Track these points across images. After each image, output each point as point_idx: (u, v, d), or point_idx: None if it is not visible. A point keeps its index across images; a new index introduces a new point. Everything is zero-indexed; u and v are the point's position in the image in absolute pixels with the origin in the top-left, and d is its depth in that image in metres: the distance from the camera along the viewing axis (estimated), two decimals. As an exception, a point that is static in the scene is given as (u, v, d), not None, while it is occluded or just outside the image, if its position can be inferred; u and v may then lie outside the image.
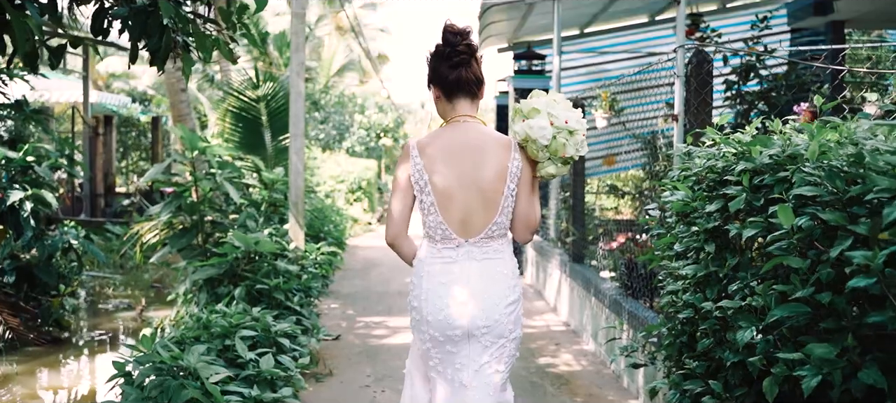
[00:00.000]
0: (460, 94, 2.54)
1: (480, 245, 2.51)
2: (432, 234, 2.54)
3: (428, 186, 2.49)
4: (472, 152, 2.49)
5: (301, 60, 6.79)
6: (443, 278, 2.50)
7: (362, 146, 21.24)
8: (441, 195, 2.48)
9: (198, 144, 6.30)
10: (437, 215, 2.49)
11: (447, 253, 2.51)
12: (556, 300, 7.56)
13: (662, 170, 6.52)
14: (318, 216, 9.77)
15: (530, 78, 10.13)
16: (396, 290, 8.72)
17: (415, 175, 2.51)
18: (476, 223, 2.50)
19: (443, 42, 2.53)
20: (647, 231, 3.81)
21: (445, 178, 2.48)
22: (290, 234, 6.75)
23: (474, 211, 2.49)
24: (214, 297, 5.82)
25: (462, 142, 2.51)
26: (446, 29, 2.53)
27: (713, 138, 3.05)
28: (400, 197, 2.56)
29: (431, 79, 2.59)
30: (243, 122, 8.14)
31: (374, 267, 10.81)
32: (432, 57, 2.57)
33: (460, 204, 2.49)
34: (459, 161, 2.49)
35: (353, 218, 15.86)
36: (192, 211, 6.46)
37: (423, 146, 2.53)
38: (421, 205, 2.55)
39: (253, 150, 8.25)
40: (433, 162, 2.50)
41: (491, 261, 2.52)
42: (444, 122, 2.60)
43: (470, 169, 2.48)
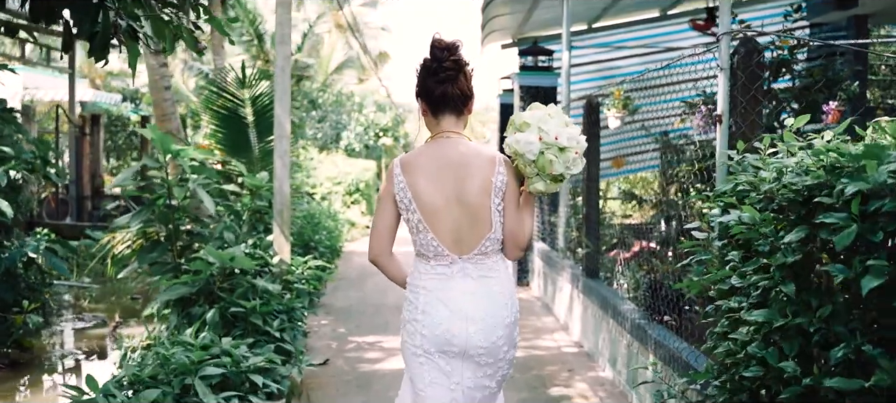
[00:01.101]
0: (446, 110, 2.52)
1: (475, 262, 2.48)
2: (424, 252, 2.49)
3: (412, 204, 2.46)
4: (455, 168, 2.46)
5: (287, 54, 6.14)
6: (440, 294, 2.46)
7: (361, 144, 20.55)
8: (427, 212, 2.45)
9: (170, 147, 5.66)
10: (427, 232, 2.46)
11: (441, 270, 2.47)
12: (568, 317, 6.91)
13: (689, 177, 5.89)
14: (309, 222, 9.12)
15: (536, 74, 9.48)
16: (393, 303, 8.08)
17: (399, 193, 2.48)
18: (468, 239, 2.46)
19: (430, 57, 2.49)
20: (688, 255, 3.17)
21: (429, 195, 2.46)
22: (275, 246, 6.10)
23: (464, 226, 2.46)
24: (187, 319, 5.18)
25: (445, 157, 2.48)
26: (433, 44, 2.49)
27: (784, 145, 2.40)
28: (383, 213, 2.54)
29: (419, 93, 2.55)
30: (229, 123, 7.49)
31: (370, 275, 10.16)
32: (420, 70, 2.53)
33: (449, 221, 2.46)
34: (443, 177, 2.46)
35: (350, 221, 15.21)
36: (166, 220, 5.82)
37: (406, 163, 2.50)
38: (409, 225, 2.51)
39: (239, 153, 7.61)
40: (416, 179, 2.47)
41: (487, 280, 2.48)
42: (430, 138, 2.57)
43: (453, 184, 2.46)
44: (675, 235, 5.31)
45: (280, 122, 6.17)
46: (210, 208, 5.38)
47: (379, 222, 2.55)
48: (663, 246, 6.00)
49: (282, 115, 6.15)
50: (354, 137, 20.30)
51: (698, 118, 6.70)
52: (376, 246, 2.57)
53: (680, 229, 5.13)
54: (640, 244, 8.18)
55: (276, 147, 6.18)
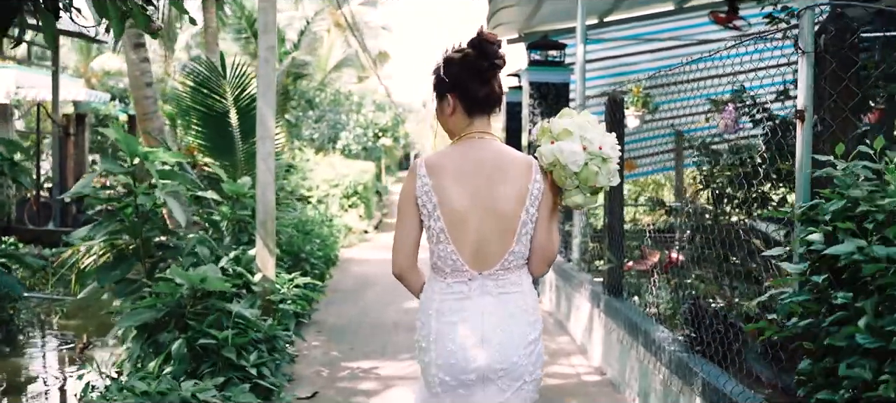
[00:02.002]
0: (484, 110, 2.30)
1: (496, 278, 2.27)
2: (441, 266, 2.28)
3: (437, 210, 2.23)
4: (488, 172, 2.25)
5: (271, 43, 5.43)
6: (454, 316, 2.25)
7: (359, 145, 19.82)
8: (452, 221, 2.23)
9: (137, 149, 4.96)
10: (448, 244, 2.24)
11: (458, 288, 2.26)
12: (586, 339, 6.20)
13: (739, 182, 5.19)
14: (300, 230, 8.40)
15: (547, 70, 8.77)
16: (393, 321, 7.36)
17: (422, 197, 2.25)
18: (491, 253, 2.25)
19: (479, 53, 2.25)
20: (770, 293, 2.47)
21: (457, 201, 2.24)
22: (258, 262, 5.39)
23: (489, 239, 2.25)
24: (154, 347, 4.48)
25: (477, 160, 2.27)
26: (485, 38, 2.25)
27: None
28: (406, 221, 2.29)
29: (450, 89, 2.28)
30: (209, 122, 6.78)
31: (369, 286, 9.45)
32: (458, 66, 2.26)
33: (473, 232, 2.24)
34: (474, 181, 2.24)
35: (347, 226, 14.48)
36: (134, 233, 5.12)
37: (433, 164, 2.27)
38: (428, 232, 2.28)
39: (222, 155, 6.89)
40: (443, 182, 2.24)
41: (508, 296, 2.28)
42: (456, 138, 2.32)
43: (485, 190, 2.24)
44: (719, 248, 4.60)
45: (263, 120, 5.46)
46: (181, 219, 4.67)
47: (402, 231, 2.30)
48: (702, 262, 5.29)
49: (265, 112, 5.44)
50: (353, 138, 19.56)
51: (726, 116, 6.05)
52: (401, 259, 2.32)
53: (727, 242, 4.42)
54: (671, 256, 7.48)
55: (259, 148, 5.47)
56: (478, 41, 2.25)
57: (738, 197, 5.31)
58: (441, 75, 2.28)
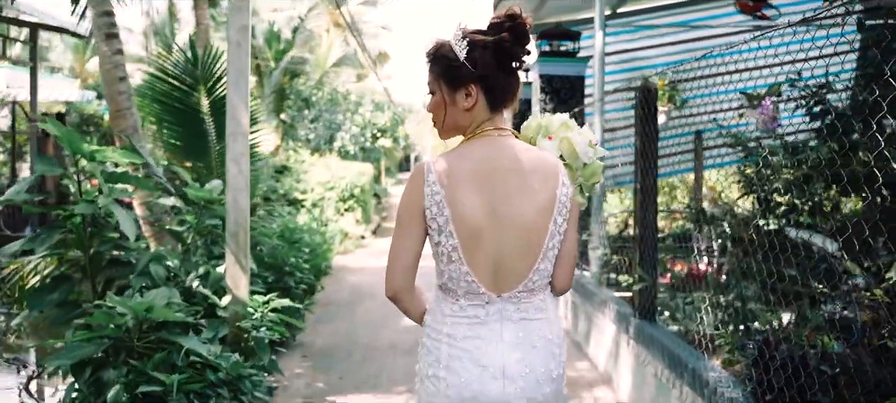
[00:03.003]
0: (508, 103, 1.97)
1: (518, 301, 1.92)
2: (453, 287, 1.92)
3: (449, 225, 1.87)
4: (510, 177, 1.90)
5: (244, 23, 4.61)
6: (468, 344, 1.90)
7: (356, 146, 18.99)
8: (468, 237, 1.87)
9: (81, 147, 4.15)
10: (462, 264, 1.89)
11: (473, 312, 1.91)
12: (612, 367, 5.37)
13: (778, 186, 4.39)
14: (287, 239, 7.56)
15: (560, 62, 7.94)
16: (389, 341, 6.53)
17: (431, 208, 1.87)
18: (512, 272, 1.90)
19: (514, 38, 1.88)
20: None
21: (475, 214, 1.87)
22: (228, 280, 4.57)
23: (510, 256, 1.89)
24: (96, 387, 3.66)
25: (497, 163, 1.91)
26: (521, 21, 1.89)
27: None
28: (407, 235, 1.90)
29: (475, 78, 1.90)
30: (179, 117, 5.96)
31: (364, 299, 8.62)
32: (490, 52, 1.88)
33: (492, 248, 1.89)
34: (493, 188, 1.89)
35: (343, 232, 13.66)
36: (82, 246, 4.31)
37: (444, 169, 1.88)
38: (437, 249, 1.91)
39: (194, 156, 6.07)
40: (458, 191, 1.87)
41: (531, 323, 1.93)
42: (468, 135, 1.96)
43: (507, 200, 1.89)
44: (770, 265, 3.78)
45: (235, 114, 4.64)
46: (129, 231, 3.85)
47: (400, 246, 1.93)
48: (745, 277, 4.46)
49: (237, 105, 4.62)
50: (349, 138, 18.73)
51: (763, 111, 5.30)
52: (397, 279, 1.94)
53: (781, 258, 3.60)
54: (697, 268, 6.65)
55: (230, 147, 4.64)
56: (512, 24, 1.88)
57: (793, 204, 4.51)
58: (462, 61, 1.89)
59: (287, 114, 18.56)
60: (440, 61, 1.94)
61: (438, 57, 1.94)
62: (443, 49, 1.94)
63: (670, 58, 9.20)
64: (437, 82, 1.96)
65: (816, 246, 4.20)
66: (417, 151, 45.67)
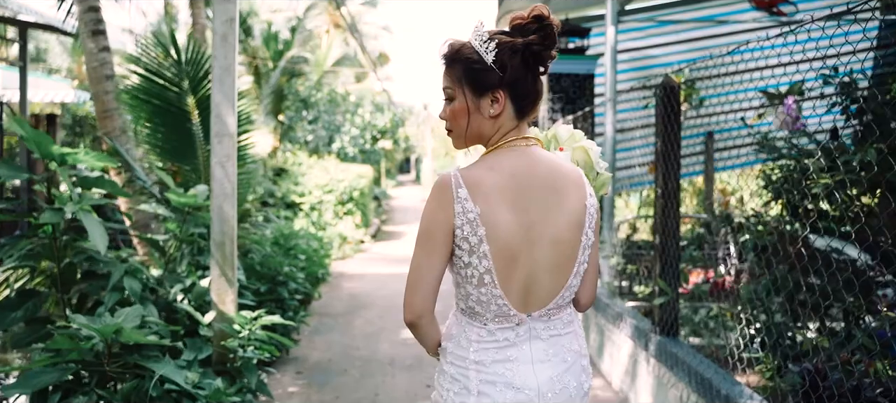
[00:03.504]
0: (534, 112, 1.84)
1: (548, 318, 1.82)
2: (480, 312, 1.78)
3: (483, 246, 1.71)
4: (543, 191, 1.77)
5: (230, 15, 4.22)
6: (499, 368, 1.77)
7: (356, 148, 18.60)
8: (502, 257, 1.73)
9: (49, 150, 3.77)
10: (494, 287, 1.74)
11: (503, 335, 1.79)
12: (627, 386, 4.98)
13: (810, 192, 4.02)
14: (282, 245, 7.18)
15: (568, 59, 7.55)
16: (388, 356, 6.14)
17: (463, 227, 1.72)
18: (543, 290, 1.78)
19: (542, 40, 1.74)
20: None
21: (509, 232, 1.73)
22: (213, 295, 4.19)
23: (543, 274, 1.78)
24: (62, 416, 3.27)
25: (530, 175, 1.77)
26: (546, 20, 1.74)
27: None
28: (433, 255, 1.74)
29: (504, 84, 1.76)
30: (162, 117, 5.58)
31: (362, 308, 8.23)
32: (519, 55, 1.73)
33: (524, 268, 1.75)
34: (528, 204, 1.74)
35: (341, 236, 13.27)
36: (52, 257, 3.93)
37: (476, 182, 1.73)
38: (464, 271, 1.76)
39: (180, 158, 5.68)
40: (494, 208, 1.72)
41: (560, 339, 1.83)
42: (493, 145, 1.81)
43: (543, 216, 1.76)
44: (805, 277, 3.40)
45: (221, 115, 4.25)
46: (99, 243, 3.46)
47: (424, 269, 1.74)
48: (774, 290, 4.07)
49: (222, 104, 4.23)
50: (349, 140, 18.34)
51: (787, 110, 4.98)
52: (419, 302, 1.75)
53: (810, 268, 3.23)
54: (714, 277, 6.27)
55: (215, 150, 4.26)
56: (540, 25, 1.74)
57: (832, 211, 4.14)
58: (489, 64, 1.74)
59: (285, 116, 18.18)
60: (462, 64, 1.77)
61: (460, 59, 1.78)
62: (464, 50, 1.77)
63: (681, 56, 8.83)
64: (458, 87, 1.79)
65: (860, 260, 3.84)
66: (418, 153, 45.25)
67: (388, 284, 9.88)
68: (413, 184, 43.69)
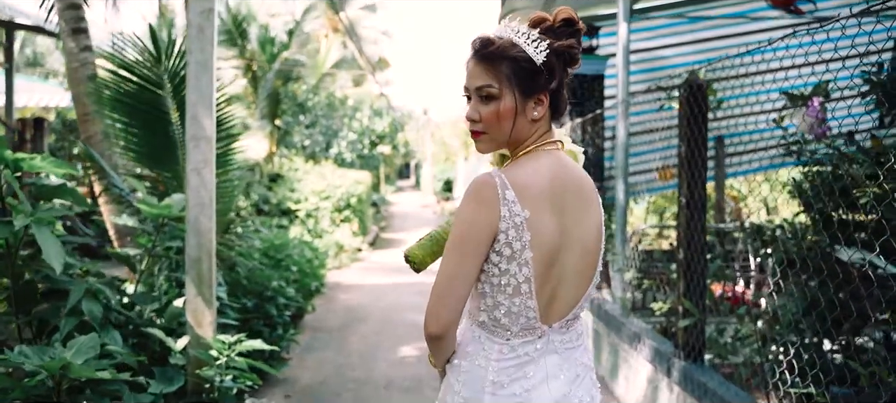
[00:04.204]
0: (563, 117, 1.85)
1: (566, 329, 1.77)
2: (508, 324, 1.70)
3: (526, 252, 1.64)
4: (577, 196, 1.73)
5: (208, 5, 3.80)
6: (516, 388, 1.69)
7: (354, 153, 18.17)
8: (542, 265, 1.67)
9: (4, 155, 3.34)
10: (530, 297, 1.68)
11: (524, 350, 1.72)
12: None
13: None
14: (271, 257, 6.74)
15: (577, 59, 7.11)
16: (385, 376, 5.70)
17: (508, 232, 1.63)
18: (566, 299, 1.74)
19: (578, 43, 1.74)
20: None
21: (552, 238, 1.67)
22: (188, 316, 3.76)
23: (569, 283, 1.73)
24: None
25: (566, 181, 1.71)
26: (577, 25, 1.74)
27: None
28: (470, 260, 1.65)
29: (551, 87, 1.72)
30: (140, 119, 5.15)
31: (358, 322, 7.79)
32: (562, 59, 1.72)
33: (555, 276, 1.71)
34: (564, 210, 1.70)
35: (338, 244, 12.83)
36: (9, 275, 3.51)
37: (523, 185, 1.66)
38: (500, 278, 1.67)
39: (160, 163, 5.25)
40: (540, 213, 1.65)
41: (573, 352, 1.78)
42: (525, 149, 1.74)
43: (575, 221, 1.72)
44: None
45: (196, 116, 3.83)
46: (53, 260, 3.03)
47: (459, 277, 1.63)
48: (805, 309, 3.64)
49: (198, 104, 3.81)
50: (346, 145, 17.92)
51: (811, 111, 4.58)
52: (449, 314, 1.64)
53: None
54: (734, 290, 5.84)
55: (191, 155, 3.84)
56: (573, 30, 1.72)
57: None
58: (539, 65, 1.67)
59: (282, 120, 17.75)
60: (510, 62, 1.68)
61: (507, 57, 1.68)
62: (511, 48, 1.67)
63: (693, 57, 8.42)
64: (506, 86, 1.69)
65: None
66: (417, 159, 44.83)
67: (385, 296, 9.44)
68: (413, 189, 43.27)
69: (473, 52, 1.72)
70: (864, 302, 3.56)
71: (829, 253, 3.66)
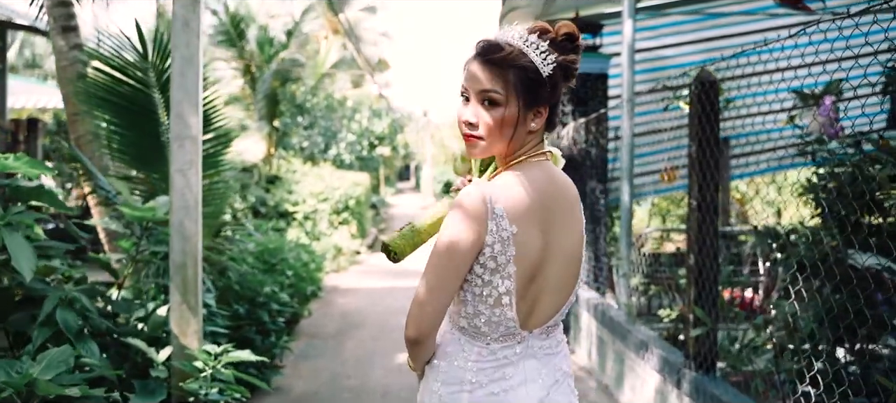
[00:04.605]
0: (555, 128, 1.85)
1: (546, 335, 1.78)
2: (488, 332, 1.73)
3: (509, 267, 1.66)
4: (560, 206, 1.74)
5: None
6: (494, 388, 1.72)
7: (353, 155, 17.96)
8: (524, 278, 1.69)
9: (-27, 155, 3.14)
10: (510, 309, 1.70)
11: (504, 353, 1.74)
12: (655, 427, 4.34)
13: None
14: (265, 261, 6.54)
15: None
16: (381, 387, 5.50)
17: (494, 246, 1.65)
18: (548, 306, 1.75)
19: (577, 59, 1.74)
20: None
21: (535, 252, 1.69)
22: (173, 326, 3.56)
23: (552, 291, 1.74)
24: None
25: (554, 192, 1.73)
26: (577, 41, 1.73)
27: None
28: (454, 275, 1.66)
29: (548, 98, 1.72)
30: (127, 118, 4.96)
31: (355, 328, 7.59)
32: (563, 72, 1.72)
33: (537, 287, 1.72)
34: (551, 222, 1.71)
35: (336, 247, 12.63)
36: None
37: (511, 201, 1.66)
38: (482, 290, 1.69)
39: (147, 164, 5.06)
40: (526, 228, 1.67)
41: (553, 357, 1.79)
42: (517, 159, 1.74)
43: (559, 233, 1.73)
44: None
45: (181, 114, 3.63)
46: (23, 267, 2.83)
47: (442, 290, 1.66)
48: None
49: (183, 101, 3.62)
50: (345, 147, 17.72)
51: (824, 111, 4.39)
52: (428, 323, 1.68)
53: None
54: (743, 295, 5.65)
55: (175, 156, 3.64)
56: (575, 45, 1.72)
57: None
58: (544, 77, 1.67)
59: (280, 122, 17.54)
60: (518, 71, 1.66)
61: (515, 65, 1.66)
62: (520, 57, 1.66)
63: (697, 57, 8.22)
64: (512, 94, 1.67)
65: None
66: (417, 160, 44.62)
67: (383, 300, 9.24)
68: (413, 191, 43.07)
69: (480, 55, 1.69)
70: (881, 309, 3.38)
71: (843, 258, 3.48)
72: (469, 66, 1.71)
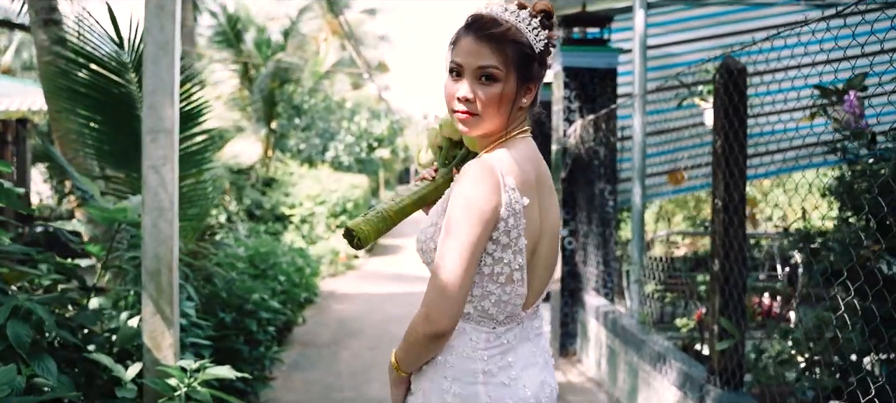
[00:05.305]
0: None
1: (535, 315, 1.78)
2: (494, 314, 1.67)
3: (520, 241, 1.63)
4: (548, 183, 1.75)
5: (169, -22, 3.27)
6: (504, 376, 1.67)
7: (351, 157, 17.60)
8: (531, 251, 1.67)
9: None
10: (521, 284, 1.67)
11: (507, 337, 1.70)
12: (675, 447, 3.99)
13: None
14: (257, 265, 6.19)
15: (588, 51, 6.60)
16: (377, 400, 5.15)
17: (508, 219, 1.60)
18: (539, 284, 1.74)
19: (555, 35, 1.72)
20: None
21: (537, 224, 1.68)
22: (145, 338, 3.22)
23: (541, 270, 1.73)
24: None
25: (540, 168, 1.72)
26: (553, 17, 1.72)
27: None
28: (476, 251, 1.58)
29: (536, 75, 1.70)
30: (103, 113, 4.63)
31: (351, 336, 7.24)
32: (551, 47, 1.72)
33: (535, 262, 1.70)
34: (542, 196, 1.70)
35: (333, 251, 12.28)
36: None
37: (516, 172, 1.63)
38: (494, 267, 1.63)
39: (123, 162, 4.72)
40: (535, 201, 1.66)
41: (540, 339, 1.79)
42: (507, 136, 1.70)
43: (548, 208, 1.73)
44: None
45: (154, 106, 3.30)
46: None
47: (468, 270, 1.57)
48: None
49: (156, 92, 3.28)
50: (344, 149, 17.37)
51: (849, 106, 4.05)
52: (455, 312, 1.57)
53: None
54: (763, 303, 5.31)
55: (148, 151, 3.31)
56: (551, 21, 1.69)
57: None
58: (536, 53, 1.66)
59: (277, 123, 17.20)
60: (515, 47, 1.62)
61: (511, 41, 1.62)
62: (515, 32, 1.62)
63: (708, 54, 7.88)
64: (510, 70, 1.62)
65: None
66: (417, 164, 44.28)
67: (381, 306, 8.90)
68: (412, 194, 42.72)
69: (476, 30, 1.62)
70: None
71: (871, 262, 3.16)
72: (463, 41, 1.64)
